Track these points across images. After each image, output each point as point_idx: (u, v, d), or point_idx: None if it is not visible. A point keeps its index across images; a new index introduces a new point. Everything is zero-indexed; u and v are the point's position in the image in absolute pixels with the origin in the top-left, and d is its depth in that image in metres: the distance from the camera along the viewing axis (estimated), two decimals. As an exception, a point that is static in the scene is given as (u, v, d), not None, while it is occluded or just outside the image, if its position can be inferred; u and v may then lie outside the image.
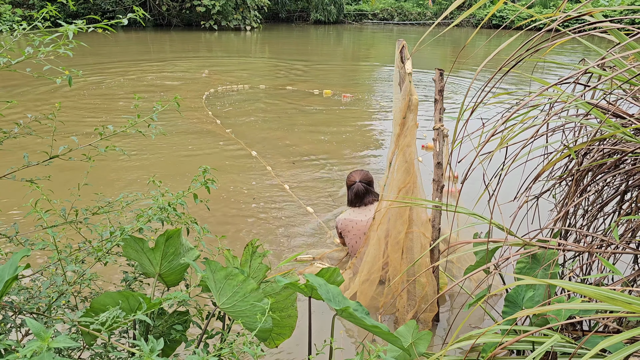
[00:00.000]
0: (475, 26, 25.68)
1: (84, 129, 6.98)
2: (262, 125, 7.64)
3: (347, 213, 3.69)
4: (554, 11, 2.03)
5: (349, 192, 3.71)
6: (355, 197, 3.64)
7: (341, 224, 3.68)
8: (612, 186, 2.50)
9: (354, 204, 3.69)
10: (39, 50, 1.45)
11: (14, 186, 1.92)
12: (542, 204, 2.64)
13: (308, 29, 24.54)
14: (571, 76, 1.90)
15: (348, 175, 3.78)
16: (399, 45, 3.00)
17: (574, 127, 2.54)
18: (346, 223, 3.63)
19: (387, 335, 1.60)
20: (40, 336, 1.08)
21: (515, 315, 1.58)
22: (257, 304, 1.61)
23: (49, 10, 1.65)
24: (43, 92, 9.00)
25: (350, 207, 3.72)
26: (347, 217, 3.65)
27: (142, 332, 1.82)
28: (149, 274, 1.95)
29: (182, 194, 1.98)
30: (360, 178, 3.65)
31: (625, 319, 2.12)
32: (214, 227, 4.23)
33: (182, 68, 12.33)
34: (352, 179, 3.69)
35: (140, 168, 5.68)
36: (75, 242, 1.88)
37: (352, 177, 3.70)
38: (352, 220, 3.60)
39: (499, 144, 2.13)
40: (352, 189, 3.65)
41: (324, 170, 5.79)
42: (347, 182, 3.73)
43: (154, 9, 21.54)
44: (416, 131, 2.91)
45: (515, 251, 2.23)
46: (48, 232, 1.63)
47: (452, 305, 3.29)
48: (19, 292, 1.58)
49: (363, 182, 3.63)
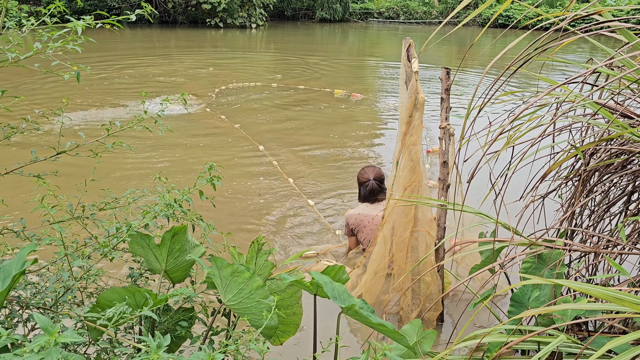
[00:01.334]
0: (481, 25, 25.60)
1: (92, 124, 7.00)
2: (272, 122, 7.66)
3: (360, 208, 3.70)
4: (561, 10, 2.02)
5: (361, 189, 3.73)
6: (370, 194, 3.67)
7: (355, 219, 3.67)
8: (619, 187, 2.49)
9: (367, 199, 3.70)
10: (48, 46, 1.45)
11: (21, 181, 1.92)
12: (548, 203, 2.63)
13: (313, 27, 24.51)
14: (579, 76, 1.90)
15: (360, 171, 3.79)
16: (406, 43, 2.99)
17: (581, 127, 2.53)
18: (361, 218, 3.64)
19: (393, 333, 1.59)
20: (47, 331, 1.09)
21: (521, 315, 1.58)
22: (263, 301, 1.61)
23: (56, 6, 1.65)
24: (50, 88, 9.03)
25: (363, 203, 3.74)
26: (362, 212, 3.66)
27: (148, 328, 1.83)
28: (155, 270, 1.96)
29: (188, 190, 1.98)
30: (374, 176, 3.68)
31: (632, 319, 2.11)
32: (219, 223, 4.24)
33: (188, 65, 12.34)
34: (365, 176, 3.71)
35: (150, 164, 5.70)
36: (82, 238, 1.89)
37: (366, 174, 3.71)
38: (368, 215, 3.61)
39: (505, 143, 2.12)
40: (366, 186, 3.67)
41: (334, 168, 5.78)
42: (361, 179, 3.74)
43: (160, 6, 21.56)
44: (422, 130, 2.90)
45: (521, 251, 2.22)
46: (55, 228, 1.63)
47: (457, 304, 3.28)
48: (25, 287, 1.59)
49: (377, 180, 3.66)
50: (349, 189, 5.14)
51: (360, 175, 3.77)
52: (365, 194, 3.70)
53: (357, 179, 3.83)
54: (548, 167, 2.40)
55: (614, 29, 2.02)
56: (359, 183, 3.76)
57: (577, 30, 1.85)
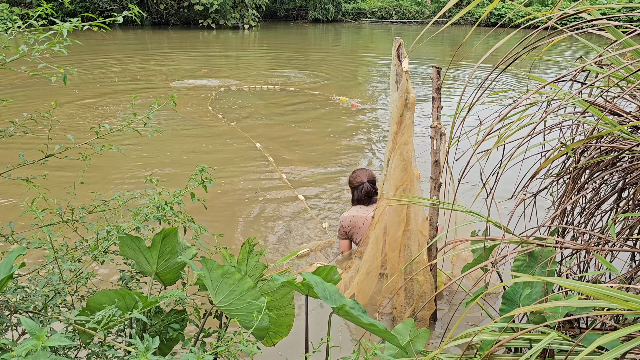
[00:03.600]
0: (473, 24, 25.67)
1: (81, 126, 6.98)
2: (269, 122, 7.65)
3: (354, 210, 3.71)
4: (551, 9, 2.03)
5: (355, 192, 3.74)
6: (365, 196, 3.68)
7: (349, 221, 3.67)
8: (610, 184, 2.50)
9: (362, 202, 3.72)
10: (34, 48, 1.44)
11: (9, 185, 1.91)
12: (539, 201, 2.64)
13: (306, 28, 24.52)
14: (568, 74, 1.90)
15: (352, 175, 3.80)
16: (396, 43, 2.99)
17: (571, 125, 2.54)
18: (355, 220, 3.64)
19: (384, 333, 1.59)
20: (35, 335, 1.08)
21: (512, 313, 1.58)
22: (254, 302, 1.60)
23: (44, 8, 1.64)
24: (38, 91, 8.98)
25: (357, 205, 3.74)
26: (356, 213, 3.66)
27: (139, 331, 1.82)
28: (146, 272, 1.95)
29: (179, 192, 1.97)
30: (367, 178, 3.70)
31: (622, 316, 2.12)
32: (211, 223, 4.24)
33: (181, 67, 12.31)
34: (359, 179, 3.72)
35: (146, 166, 5.70)
36: (72, 241, 1.88)
37: (359, 177, 3.73)
38: (362, 217, 3.61)
39: (496, 142, 2.13)
40: (361, 188, 3.69)
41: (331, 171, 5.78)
42: (354, 182, 3.75)
43: (152, 7, 21.50)
44: (413, 129, 2.90)
45: (513, 249, 2.23)
46: (44, 231, 1.62)
47: (450, 303, 3.29)
48: (14, 290, 1.58)
49: (370, 182, 3.69)
50: (343, 191, 5.14)
51: (352, 179, 3.77)
52: (359, 197, 3.70)
53: (349, 183, 3.83)
54: (539, 165, 2.41)
55: (602, 27, 2.03)
56: (352, 186, 3.76)
57: (565, 28, 1.86)
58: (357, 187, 3.71)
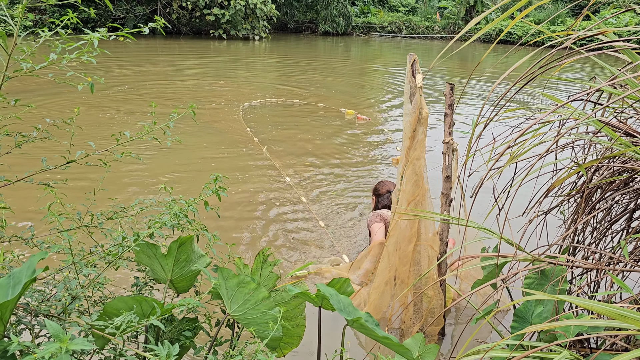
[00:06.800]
0: (482, 41, 25.78)
1: (103, 133, 7.00)
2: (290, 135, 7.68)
3: (382, 211, 3.93)
4: (562, 29, 2.06)
5: (380, 200, 4.03)
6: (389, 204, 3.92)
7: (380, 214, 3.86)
8: (621, 204, 2.51)
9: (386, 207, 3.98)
10: (63, 57, 1.48)
11: (31, 189, 1.94)
12: (550, 220, 2.64)
13: (316, 40, 24.66)
14: (583, 93, 1.92)
15: (378, 185, 4.15)
16: (410, 59, 3.03)
17: (584, 145, 2.55)
18: (384, 216, 3.84)
19: (398, 347, 1.60)
20: (59, 338, 1.10)
21: (524, 331, 1.59)
22: (269, 312, 1.62)
23: (70, 17, 1.68)
24: (61, 98, 9.05)
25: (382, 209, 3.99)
26: (383, 212, 3.89)
27: (153, 337, 1.83)
28: (160, 279, 1.97)
29: (194, 201, 1.99)
30: (393, 188, 3.98)
31: (634, 337, 2.12)
32: (226, 233, 4.26)
33: (198, 76, 12.39)
34: (385, 188, 4.07)
35: (165, 172, 5.74)
36: (86, 246, 1.90)
37: (385, 186, 4.07)
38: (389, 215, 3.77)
39: (509, 159, 2.14)
40: (388, 197, 3.99)
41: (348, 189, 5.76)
42: (381, 190, 4.07)
43: (164, 17, 21.72)
44: (426, 144, 2.92)
45: (524, 266, 2.23)
46: (64, 235, 1.65)
47: (458, 319, 3.28)
48: (32, 294, 1.60)
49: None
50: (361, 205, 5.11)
51: (380, 187, 4.09)
52: (386, 204, 3.97)
53: (375, 191, 4.14)
54: (551, 184, 2.42)
55: (617, 49, 2.05)
56: (378, 195, 4.07)
57: (582, 49, 1.88)
58: (383, 195, 4.02)
